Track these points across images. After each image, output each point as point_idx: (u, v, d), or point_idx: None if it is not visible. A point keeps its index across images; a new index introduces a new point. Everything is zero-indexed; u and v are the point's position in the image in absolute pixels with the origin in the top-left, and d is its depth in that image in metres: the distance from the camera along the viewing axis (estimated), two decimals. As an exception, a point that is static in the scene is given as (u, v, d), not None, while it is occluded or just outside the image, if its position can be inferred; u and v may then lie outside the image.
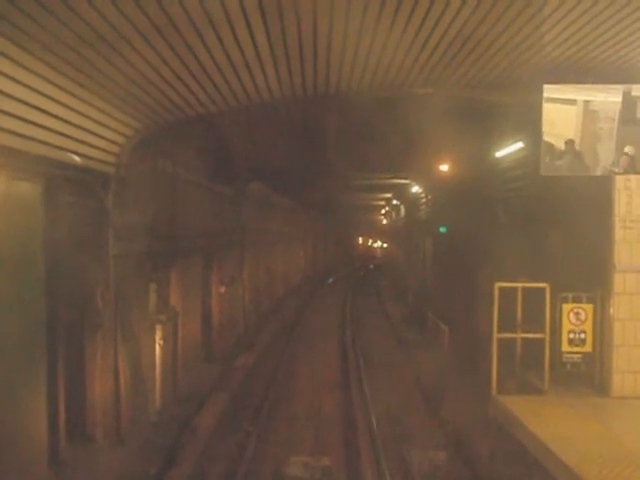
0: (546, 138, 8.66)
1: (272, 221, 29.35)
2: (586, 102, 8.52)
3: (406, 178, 25.21)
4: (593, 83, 8.46)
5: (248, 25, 6.51)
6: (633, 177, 8.60)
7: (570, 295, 9.09)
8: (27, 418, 8.29)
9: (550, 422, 7.67)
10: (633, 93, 8.43)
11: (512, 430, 8.06)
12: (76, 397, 9.63)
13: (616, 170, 8.56)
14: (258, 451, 10.78)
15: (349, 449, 11.00)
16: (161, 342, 12.14)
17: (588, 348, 9.06)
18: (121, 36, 6.37)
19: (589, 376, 9.04)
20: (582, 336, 9.06)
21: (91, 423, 9.90)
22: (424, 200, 25.99)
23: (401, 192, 30.58)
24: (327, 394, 14.61)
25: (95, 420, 9.91)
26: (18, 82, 6.52)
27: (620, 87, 8.43)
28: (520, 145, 12.07)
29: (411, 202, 30.12)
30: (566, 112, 8.57)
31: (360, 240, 77.32)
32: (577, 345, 9.08)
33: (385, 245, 63.66)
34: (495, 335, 9.01)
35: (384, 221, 51.49)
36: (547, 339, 8.94)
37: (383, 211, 47.26)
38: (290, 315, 27.77)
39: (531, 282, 9.30)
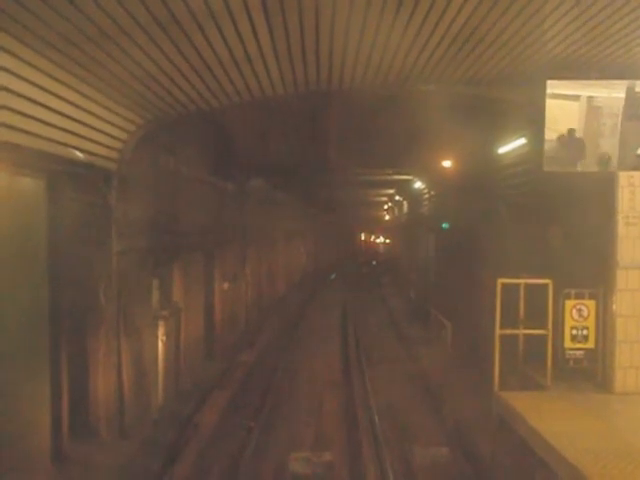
0: (549, 134, 8.64)
1: (274, 217, 29.35)
2: (589, 98, 8.49)
3: (409, 174, 25.18)
4: (596, 79, 8.44)
5: (250, 20, 6.50)
6: (636, 173, 8.58)
7: (573, 291, 9.08)
8: (30, 413, 8.32)
9: (552, 418, 7.67)
10: (637, 89, 8.40)
11: (514, 426, 8.06)
12: (79, 392, 9.66)
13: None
14: (260, 447, 10.81)
15: (351, 445, 11.02)
16: (164, 338, 12.15)
17: (591, 344, 9.04)
18: (123, 31, 6.37)
19: (592, 372, 9.04)
20: (585, 332, 9.05)
21: (94, 418, 9.92)
22: (427, 196, 25.97)
23: (404, 188, 30.55)
24: (329, 390, 14.64)
25: (98, 415, 9.93)
26: (20, 77, 6.52)
27: (624, 83, 8.40)
28: (523, 141, 12.05)
29: (414, 198, 30.09)
30: (569, 108, 8.55)
31: (362, 236, 77.32)
32: (579, 341, 9.07)
33: (388, 241, 63.66)
34: (497, 331, 9.00)
35: (387, 217, 51.45)
36: (549, 335, 8.94)
37: (386, 207, 47.20)
38: (292, 311, 27.80)
39: (534, 278, 9.29)
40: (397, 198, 37.07)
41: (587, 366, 9.06)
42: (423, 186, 26.02)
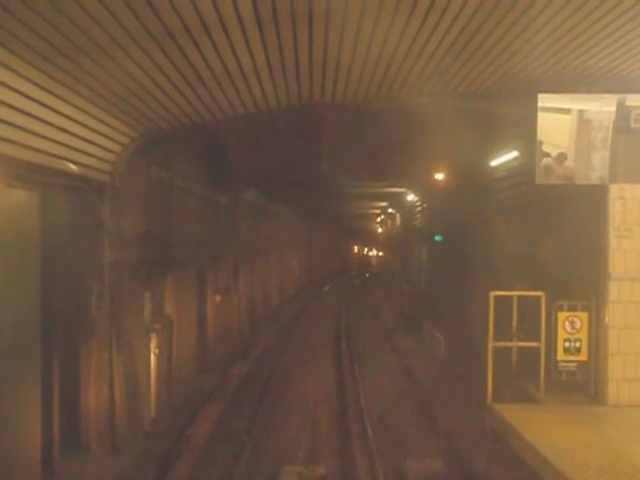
0: (540, 147, 8.69)
1: (267, 229, 29.34)
2: (580, 111, 8.55)
3: (401, 187, 25.26)
4: (587, 92, 8.51)
5: (244, 34, 6.53)
6: (627, 186, 8.64)
7: (565, 303, 9.10)
8: (21, 427, 8.25)
9: (546, 431, 7.66)
10: (627, 103, 8.47)
11: (508, 439, 8.05)
12: (71, 406, 9.59)
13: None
14: (252, 461, 10.74)
15: (344, 462, 10.97)
16: (156, 351, 12.09)
17: (583, 356, 9.05)
18: (117, 44, 6.38)
19: (584, 384, 9.04)
20: (577, 344, 9.06)
21: (85, 432, 9.85)
22: (419, 208, 26.03)
23: (396, 200, 30.63)
24: (321, 404, 14.57)
25: (89, 429, 9.86)
26: (14, 90, 6.52)
27: (614, 96, 8.47)
28: (515, 154, 12.12)
29: (407, 210, 30.17)
30: (560, 121, 8.61)
31: (355, 249, 77.31)
32: (572, 353, 9.08)
33: (381, 254, 63.68)
34: (491, 343, 9.01)
35: (380, 229, 51.54)
36: (542, 347, 8.94)
37: (379, 219, 47.29)
38: (285, 323, 27.73)
39: (527, 290, 9.31)
40: (390, 211, 37.14)
41: (580, 378, 9.06)
42: (416, 198, 26.09)
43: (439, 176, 18.27)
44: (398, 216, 35.23)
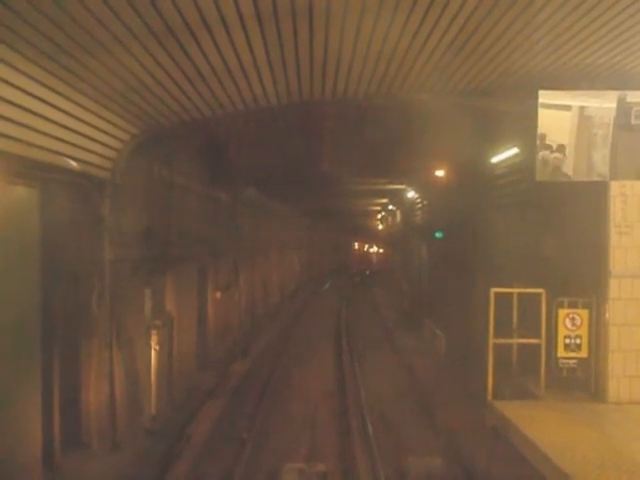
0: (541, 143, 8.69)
1: (268, 227, 29.35)
2: (581, 108, 8.55)
3: (402, 183, 25.24)
4: (588, 89, 8.50)
5: (245, 30, 6.53)
6: (628, 183, 8.64)
7: (566, 300, 9.10)
8: (22, 425, 8.26)
9: (546, 428, 7.67)
10: (628, 99, 8.47)
11: (508, 436, 8.05)
12: (71, 403, 9.60)
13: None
14: (253, 459, 10.75)
15: (345, 459, 10.98)
16: (157, 347, 12.10)
17: (584, 353, 9.06)
18: (118, 41, 6.38)
19: (585, 381, 9.05)
20: (578, 341, 9.06)
21: (86, 429, 9.86)
22: (420, 205, 26.02)
23: (397, 197, 30.62)
24: (322, 402, 14.56)
25: (90, 426, 9.87)
26: (14, 86, 6.52)
27: (615, 93, 8.47)
28: (516, 151, 12.11)
29: (407, 207, 30.16)
30: (561, 118, 8.60)
31: (356, 246, 77.31)
32: (573, 350, 9.08)
33: (381, 251, 63.69)
34: (491, 340, 9.01)
35: (380, 226, 51.52)
36: (543, 344, 8.95)
37: (379, 216, 47.29)
38: (286, 321, 27.74)
39: (527, 287, 9.31)
40: (390, 207, 37.14)
41: (580, 375, 9.06)
42: (416, 195, 26.07)
43: (439, 173, 18.26)
44: (398, 213, 35.22)
